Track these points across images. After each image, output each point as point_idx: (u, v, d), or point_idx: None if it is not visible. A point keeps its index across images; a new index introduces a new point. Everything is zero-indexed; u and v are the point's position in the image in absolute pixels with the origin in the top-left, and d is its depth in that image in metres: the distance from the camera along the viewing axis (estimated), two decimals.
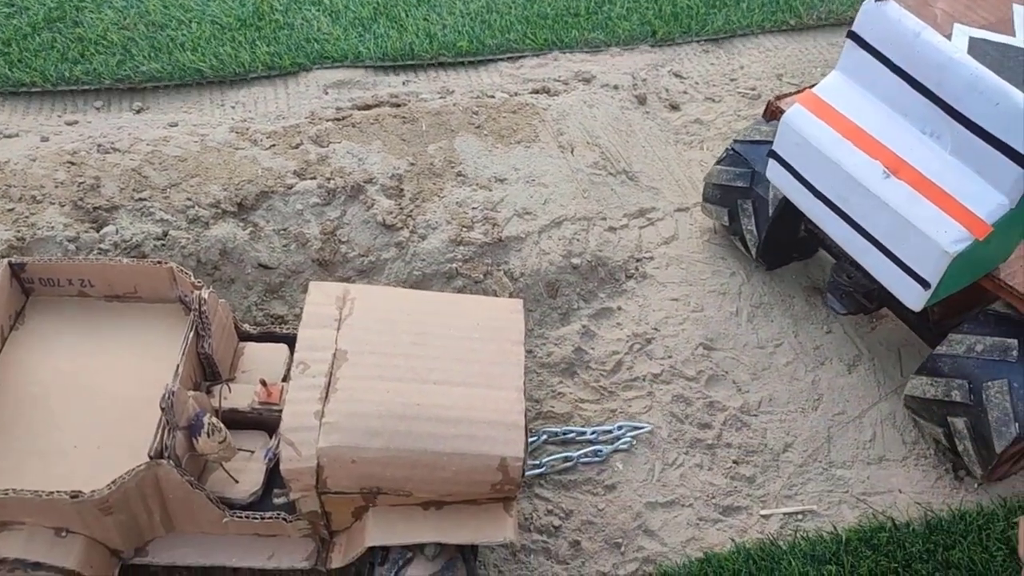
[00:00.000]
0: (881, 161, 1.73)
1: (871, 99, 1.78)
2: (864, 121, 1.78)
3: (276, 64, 2.64)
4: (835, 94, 1.83)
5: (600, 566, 1.81)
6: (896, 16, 1.65)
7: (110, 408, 1.63)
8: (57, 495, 1.44)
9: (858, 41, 1.75)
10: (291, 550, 1.62)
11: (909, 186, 1.70)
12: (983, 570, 1.84)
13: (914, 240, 1.70)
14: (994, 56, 1.58)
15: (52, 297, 1.77)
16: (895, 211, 1.70)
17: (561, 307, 2.19)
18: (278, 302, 2.08)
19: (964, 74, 1.57)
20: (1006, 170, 1.58)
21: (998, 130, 1.56)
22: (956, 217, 1.65)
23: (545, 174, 2.34)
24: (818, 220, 1.91)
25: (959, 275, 1.73)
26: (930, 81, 1.64)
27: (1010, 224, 1.65)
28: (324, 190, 2.16)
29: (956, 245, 1.64)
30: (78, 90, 2.50)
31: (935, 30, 1.61)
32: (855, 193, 1.77)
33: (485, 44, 2.81)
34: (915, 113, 1.70)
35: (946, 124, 1.64)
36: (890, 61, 1.70)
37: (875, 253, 1.80)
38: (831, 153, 1.79)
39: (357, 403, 1.52)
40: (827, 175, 1.83)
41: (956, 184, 1.66)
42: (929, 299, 1.75)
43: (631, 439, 1.99)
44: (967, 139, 1.61)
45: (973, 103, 1.58)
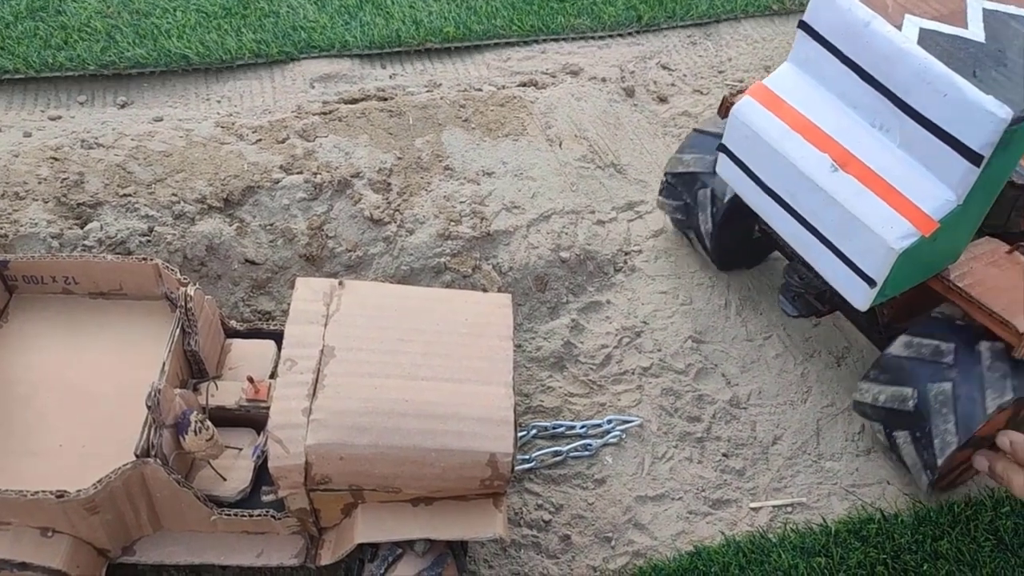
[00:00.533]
0: (830, 155, 1.67)
1: (822, 91, 1.72)
2: (814, 114, 1.72)
3: (263, 52, 2.62)
4: (786, 86, 1.76)
5: (590, 560, 1.81)
6: (846, 5, 1.60)
7: (95, 406, 1.62)
8: (42, 495, 1.42)
9: (809, 31, 1.69)
10: (280, 547, 1.61)
11: (857, 180, 1.64)
12: (971, 560, 1.85)
13: (860, 236, 1.64)
14: (944, 47, 1.52)
15: (36, 295, 1.76)
16: (842, 206, 1.64)
17: (550, 301, 2.18)
18: (265, 298, 2.07)
19: (913, 65, 1.51)
20: (953, 164, 1.52)
21: (945, 122, 1.51)
22: (903, 213, 1.59)
23: (533, 167, 2.34)
24: (767, 217, 1.85)
25: (907, 274, 1.68)
26: (879, 72, 1.59)
27: (958, 221, 1.60)
28: (311, 185, 2.15)
29: (902, 241, 1.58)
30: (61, 81, 2.47)
31: (885, 20, 1.56)
32: (803, 188, 1.71)
33: (472, 30, 2.80)
34: (865, 105, 1.64)
35: (895, 117, 1.59)
36: (840, 52, 1.64)
37: (822, 250, 1.74)
38: (779, 146, 1.73)
39: (345, 400, 1.51)
40: (776, 169, 1.76)
41: (904, 179, 1.60)
42: (876, 298, 1.68)
43: (621, 433, 1.99)
44: (915, 132, 1.56)
45: (921, 95, 1.53)
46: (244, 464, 1.61)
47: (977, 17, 1.60)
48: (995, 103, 1.42)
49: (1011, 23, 1.59)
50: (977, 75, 1.48)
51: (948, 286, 1.78)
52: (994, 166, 1.51)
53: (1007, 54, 1.53)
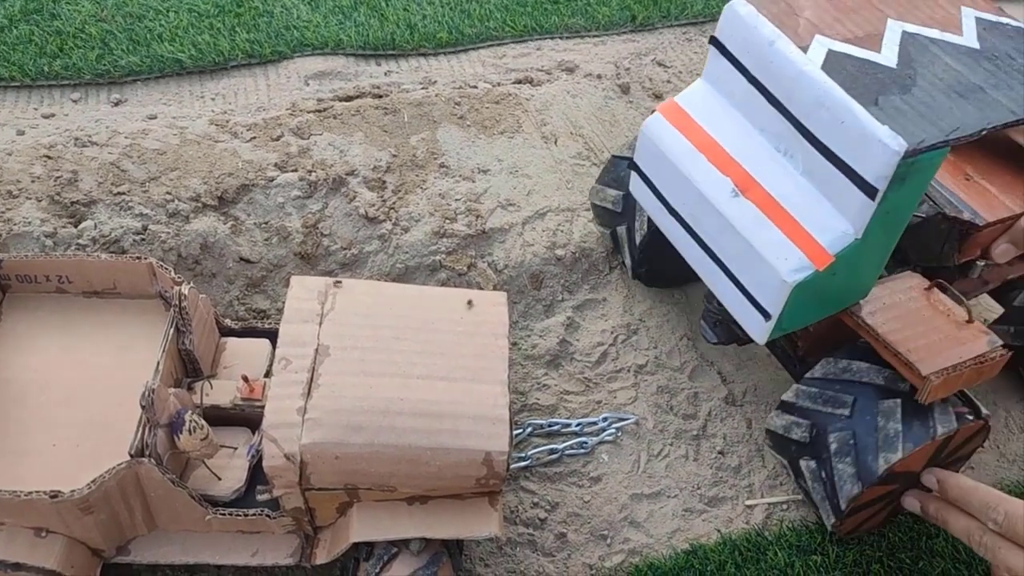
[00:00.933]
0: (732, 178, 1.57)
1: (731, 111, 1.62)
2: (721, 134, 1.62)
3: (256, 52, 2.62)
4: (696, 104, 1.67)
5: (586, 558, 1.81)
6: (752, 23, 1.50)
7: (89, 406, 1.61)
8: (36, 495, 1.42)
9: (719, 48, 1.59)
10: (275, 547, 1.61)
11: (756, 207, 1.54)
12: (966, 558, 1.85)
13: (756, 266, 1.54)
14: (850, 72, 1.42)
15: (29, 294, 1.75)
16: (739, 233, 1.54)
17: (545, 299, 2.18)
18: (260, 296, 2.07)
19: (812, 89, 1.40)
20: (851, 196, 1.41)
21: (842, 151, 1.40)
22: (799, 244, 1.49)
23: (528, 165, 2.33)
24: (673, 239, 1.76)
25: (807, 308, 1.58)
26: (782, 95, 1.48)
27: (859, 256, 1.49)
28: (306, 183, 2.14)
29: (795, 275, 1.47)
30: (56, 83, 2.48)
31: (792, 40, 1.46)
32: (704, 212, 1.61)
33: (464, 34, 2.80)
34: (770, 128, 1.54)
35: (798, 142, 1.48)
36: (747, 71, 1.55)
37: (722, 278, 1.64)
38: (684, 167, 1.63)
39: (340, 399, 1.51)
40: (680, 190, 1.67)
41: (803, 208, 1.50)
42: (772, 331, 1.59)
43: (616, 431, 1.99)
44: (816, 160, 1.45)
45: (820, 121, 1.42)
46: (239, 463, 1.60)
47: (894, 40, 1.51)
48: (889, 134, 1.32)
49: (930, 48, 1.51)
50: (879, 103, 1.38)
51: (858, 322, 1.70)
52: (891, 200, 1.40)
53: (917, 81, 1.44)
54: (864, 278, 1.64)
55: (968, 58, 1.49)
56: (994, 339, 1.67)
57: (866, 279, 1.65)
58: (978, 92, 1.43)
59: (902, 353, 1.62)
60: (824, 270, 1.47)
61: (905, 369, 1.63)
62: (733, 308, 1.67)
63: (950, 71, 1.46)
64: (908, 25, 1.54)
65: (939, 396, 1.63)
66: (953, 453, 1.75)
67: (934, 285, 1.75)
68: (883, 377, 1.69)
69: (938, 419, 1.65)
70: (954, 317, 1.70)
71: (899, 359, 1.63)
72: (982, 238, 1.81)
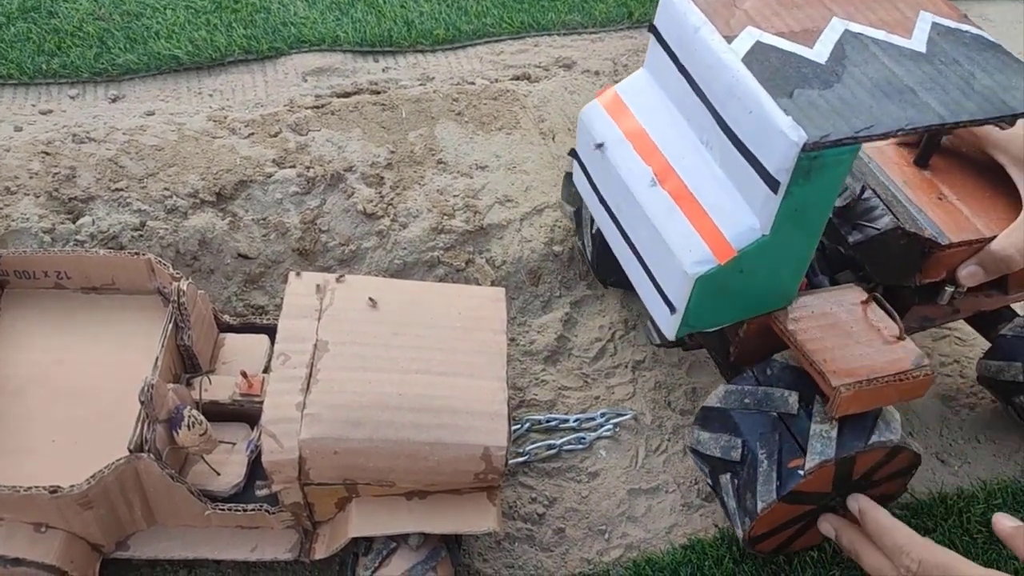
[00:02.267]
0: (653, 168, 1.55)
1: (664, 100, 1.59)
2: (651, 123, 1.59)
3: (253, 48, 2.62)
4: (633, 92, 1.64)
5: (584, 553, 1.81)
6: (683, 9, 1.47)
7: (88, 401, 1.62)
8: (36, 490, 1.42)
9: (656, 35, 1.56)
10: (274, 542, 1.61)
11: (670, 197, 1.51)
12: (964, 551, 1.85)
13: (664, 257, 1.51)
14: (772, 64, 1.38)
15: (28, 290, 1.75)
16: (652, 224, 1.52)
17: (543, 295, 2.18)
18: (258, 292, 2.07)
19: (726, 77, 1.38)
20: (756, 189, 1.37)
21: (750, 141, 1.36)
22: (705, 237, 1.46)
23: (526, 161, 2.33)
24: (604, 232, 1.73)
25: (717, 305, 1.53)
26: (704, 83, 1.46)
27: (773, 255, 1.44)
28: (304, 179, 2.14)
29: (697, 267, 1.44)
30: (53, 81, 2.48)
31: (719, 29, 1.43)
32: (625, 201, 1.59)
33: (461, 31, 2.80)
34: (695, 119, 1.51)
35: (715, 133, 1.45)
36: (677, 59, 1.52)
37: (640, 270, 1.61)
38: (611, 155, 1.61)
39: (339, 394, 1.51)
40: (608, 180, 1.64)
41: (715, 201, 1.46)
42: (680, 328, 1.55)
43: (614, 426, 1.99)
44: (730, 151, 1.42)
45: (732, 110, 1.39)
46: (238, 459, 1.61)
47: (832, 38, 1.47)
48: (791, 125, 1.28)
49: (870, 47, 1.47)
50: (793, 96, 1.34)
51: (780, 328, 1.65)
52: (797, 196, 1.36)
53: (842, 78, 1.39)
54: (782, 281, 1.58)
55: (909, 60, 1.45)
56: (922, 358, 1.60)
57: (785, 282, 1.59)
58: (907, 93, 1.38)
59: (817, 362, 1.57)
60: (728, 265, 1.43)
61: (819, 378, 1.58)
62: (647, 301, 1.64)
63: (884, 71, 1.42)
64: (853, 24, 1.51)
65: (850, 410, 1.57)
66: (871, 480, 1.69)
67: (871, 299, 1.70)
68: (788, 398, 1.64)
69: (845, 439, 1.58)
70: (885, 332, 1.64)
71: (814, 367, 1.58)
72: (946, 259, 1.75)
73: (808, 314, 1.66)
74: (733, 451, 1.64)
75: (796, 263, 1.55)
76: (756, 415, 1.64)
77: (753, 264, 1.46)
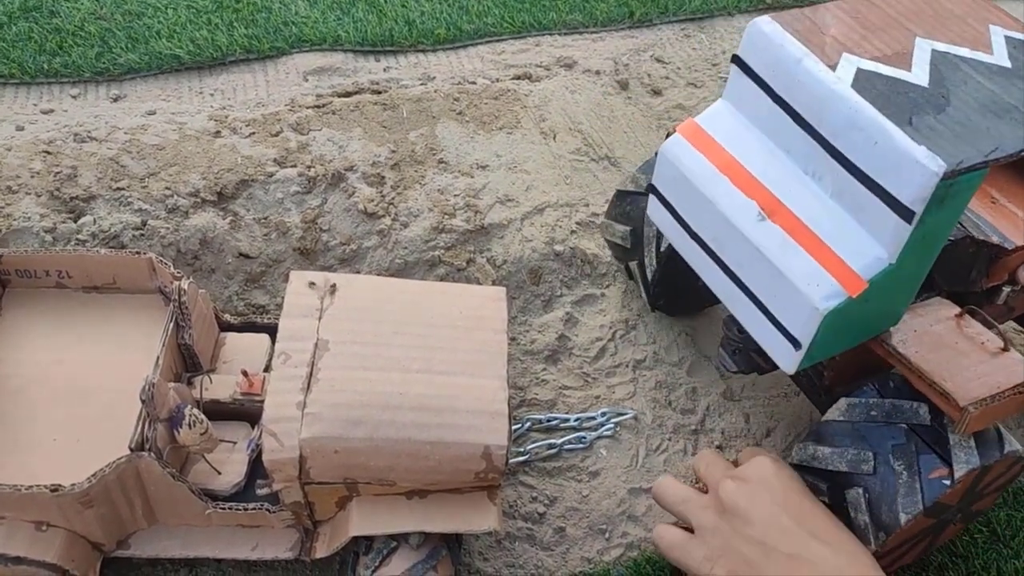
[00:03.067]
0: (757, 201, 1.50)
1: (755, 132, 1.55)
2: (744, 156, 1.55)
3: (254, 47, 2.62)
4: (717, 124, 1.60)
5: (585, 552, 1.82)
6: (779, 41, 1.44)
7: (89, 400, 1.62)
8: (37, 489, 1.42)
9: (742, 67, 1.53)
10: (275, 541, 1.61)
11: (784, 231, 1.47)
12: (964, 551, 1.86)
13: (785, 293, 1.47)
14: (881, 91, 1.36)
15: (29, 289, 1.75)
16: (767, 258, 1.47)
17: (544, 294, 2.18)
18: (259, 291, 2.07)
19: (843, 108, 1.35)
20: (884, 219, 1.35)
21: (876, 173, 1.34)
22: (830, 270, 1.42)
23: (527, 160, 2.34)
24: (695, 266, 1.69)
25: (838, 336, 1.51)
26: (810, 115, 1.42)
27: (893, 282, 1.43)
28: (305, 178, 2.15)
29: (827, 302, 1.41)
30: (55, 80, 2.49)
31: (819, 59, 1.40)
32: (729, 236, 1.55)
33: (463, 30, 2.80)
34: (797, 150, 1.47)
35: (827, 164, 1.42)
36: (772, 90, 1.48)
37: (748, 305, 1.57)
38: (706, 190, 1.56)
39: (339, 393, 1.51)
40: (702, 215, 1.60)
41: (833, 232, 1.43)
42: (803, 361, 1.52)
43: (615, 425, 1.99)
44: (847, 182, 1.39)
45: (852, 141, 1.36)
46: (238, 458, 1.61)
47: (924, 59, 1.45)
48: (927, 155, 1.26)
49: (961, 67, 1.44)
50: (913, 123, 1.31)
51: (888, 351, 1.62)
52: (928, 224, 1.34)
53: (950, 100, 1.37)
54: (896, 304, 1.57)
55: (1001, 77, 1.43)
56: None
57: (898, 305, 1.58)
58: (1013, 112, 1.37)
59: (937, 383, 1.54)
60: (857, 297, 1.40)
61: (940, 400, 1.55)
62: (760, 337, 1.59)
63: (983, 90, 1.40)
64: (937, 43, 1.48)
65: (977, 428, 1.55)
66: (985, 491, 1.69)
67: (965, 312, 1.68)
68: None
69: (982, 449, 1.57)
70: (988, 345, 1.63)
71: (934, 389, 1.55)
72: (1011, 262, 1.77)
73: (912, 334, 1.63)
74: (864, 464, 1.60)
75: (912, 286, 1.53)
76: (884, 427, 1.61)
77: (878, 292, 1.43)
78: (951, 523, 1.72)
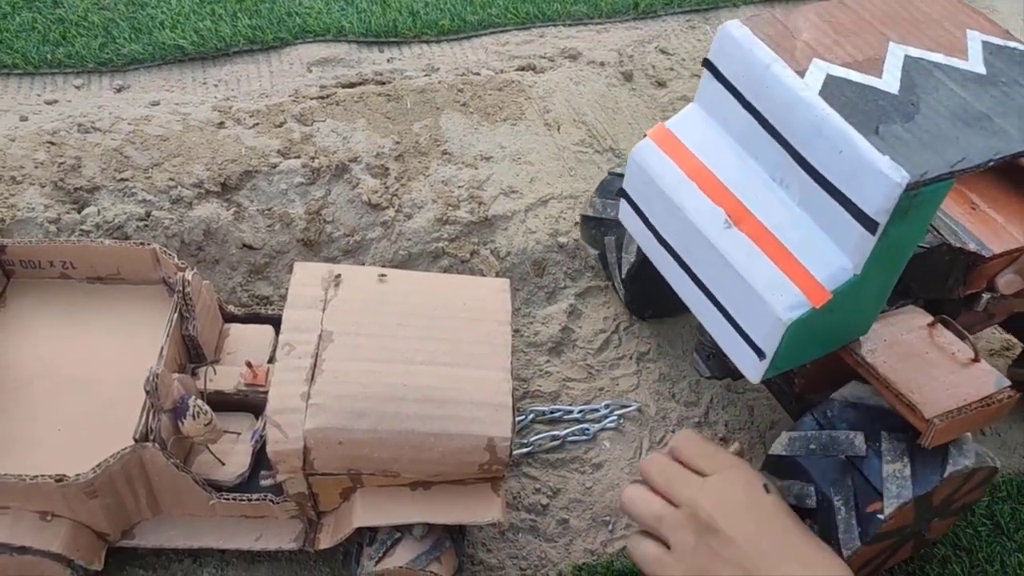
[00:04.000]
0: (724, 208, 1.47)
1: (725, 137, 1.52)
2: (713, 161, 1.52)
3: (258, 38, 2.61)
4: (688, 129, 1.57)
5: (588, 544, 1.82)
6: (748, 46, 1.40)
7: (94, 391, 1.62)
8: (42, 479, 1.43)
9: (713, 71, 1.49)
10: (279, 531, 1.62)
11: (750, 239, 1.44)
12: (968, 545, 1.85)
13: (749, 302, 1.45)
14: (849, 98, 1.33)
15: (33, 279, 1.76)
16: (732, 267, 1.45)
17: (548, 286, 2.18)
18: (263, 283, 2.07)
19: (809, 116, 1.32)
20: (849, 229, 1.32)
21: (840, 182, 1.30)
22: (794, 280, 1.39)
23: (531, 152, 2.33)
24: (664, 271, 1.67)
25: (804, 346, 1.48)
26: (778, 121, 1.39)
27: (859, 292, 1.40)
28: (308, 169, 2.14)
29: (791, 312, 1.38)
30: (58, 71, 2.48)
31: (788, 64, 1.37)
32: (696, 243, 1.52)
33: (467, 21, 2.80)
34: (766, 157, 1.44)
35: (794, 171, 1.39)
36: (742, 96, 1.45)
37: (715, 313, 1.54)
38: (674, 195, 1.54)
39: (343, 384, 1.51)
40: (670, 220, 1.58)
41: (799, 241, 1.40)
42: (768, 371, 1.49)
43: (618, 417, 1.99)
44: (813, 190, 1.36)
45: (817, 149, 1.33)
46: (242, 449, 1.61)
47: (896, 65, 1.41)
48: (891, 165, 1.22)
49: (934, 73, 1.41)
50: (880, 132, 1.28)
51: (857, 360, 1.59)
52: (892, 235, 1.31)
53: (920, 108, 1.33)
54: (864, 314, 1.55)
55: (974, 84, 1.40)
56: (1001, 379, 1.56)
57: (866, 315, 1.56)
58: (984, 120, 1.33)
59: (904, 394, 1.52)
60: (821, 308, 1.38)
61: (907, 412, 1.53)
62: (726, 346, 1.57)
63: (955, 98, 1.37)
64: (911, 49, 1.44)
65: (942, 440, 1.52)
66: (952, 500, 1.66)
67: (937, 321, 1.65)
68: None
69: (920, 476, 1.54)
70: (959, 356, 1.60)
71: (901, 401, 1.53)
72: (988, 269, 1.72)
73: (881, 343, 1.60)
74: (808, 499, 1.58)
75: (880, 296, 1.51)
76: (824, 460, 1.58)
77: (842, 303, 1.40)
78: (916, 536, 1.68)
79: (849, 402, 1.64)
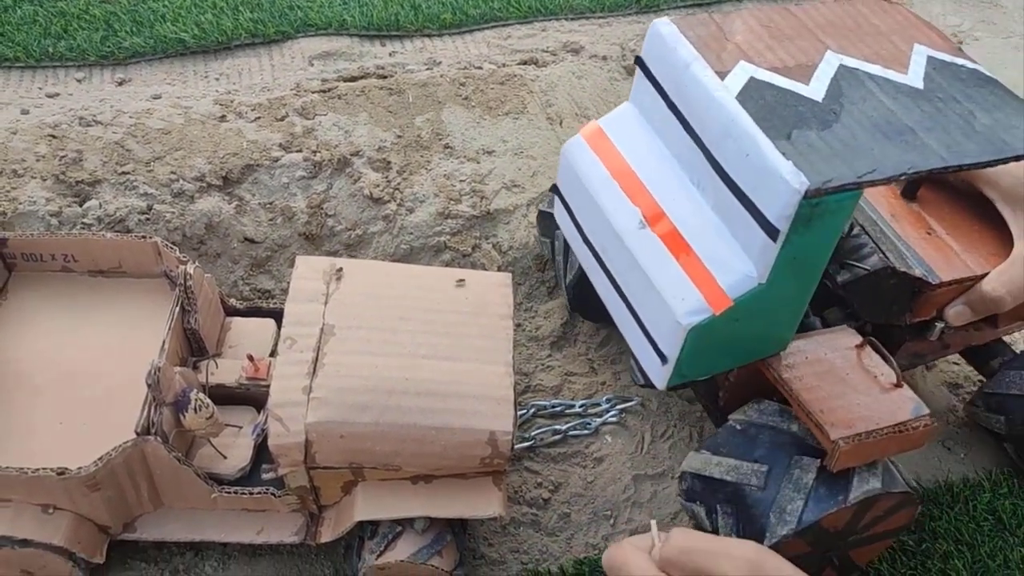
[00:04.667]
0: (642, 209, 1.45)
1: (652, 137, 1.49)
2: (638, 161, 1.49)
3: (259, 31, 2.61)
4: (619, 127, 1.55)
5: (589, 538, 1.82)
6: (672, 44, 1.37)
7: (95, 384, 1.62)
8: (43, 472, 1.43)
9: (643, 69, 1.46)
10: (280, 525, 1.62)
11: (661, 241, 1.41)
12: (970, 540, 1.85)
13: (654, 305, 1.42)
14: (768, 102, 1.29)
15: (35, 273, 1.76)
16: (641, 268, 1.42)
17: (549, 280, 2.18)
18: (265, 276, 2.07)
19: (721, 117, 1.28)
20: (753, 235, 1.28)
21: (747, 186, 1.27)
22: (698, 284, 1.36)
23: (533, 146, 2.33)
24: (587, 270, 1.64)
25: (711, 355, 1.44)
26: (695, 121, 1.36)
27: (770, 304, 1.35)
28: (310, 163, 2.14)
29: (691, 317, 1.34)
30: (60, 64, 2.48)
31: (712, 65, 1.34)
32: (612, 243, 1.49)
33: (469, 15, 2.79)
34: (685, 157, 1.41)
35: (708, 173, 1.35)
36: (666, 94, 1.42)
37: (627, 314, 1.52)
38: (596, 194, 1.51)
39: (345, 378, 1.51)
40: (592, 219, 1.55)
41: (708, 246, 1.37)
42: (672, 378, 1.46)
43: (620, 411, 1.99)
44: (723, 193, 1.32)
45: (727, 151, 1.29)
46: (244, 442, 1.61)
47: (827, 73, 1.38)
48: (792, 171, 1.19)
49: (866, 83, 1.38)
50: (792, 137, 1.25)
51: (773, 375, 1.56)
52: (796, 243, 1.28)
53: (840, 117, 1.30)
54: (778, 328, 1.50)
55: (907, 98, 1.36)
56: (921, 407, 1.51)
57: (781, 329, 1.51)
58: (907, 134, 1.30)
59: (813, 413, 1.48)
60: (723, 315, 1.35)
61: (816, 431, 1.49)
62: (635, 348, 1.54)
63: (882, 110, 1.33)
64: (848, 59, 1.42)
65: (849, 464, 1.49)
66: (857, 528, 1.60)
67: (866, 342, 1.60)
68: None
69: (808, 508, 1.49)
70: (882, 379, 1.56)
71: (810, 419, 1.49)
72: (937, 298, 1.67)
73: (802, 360, 1.57)
74: (704, 524, 1.59)
75: (793, 310, 1.47)
76: (723, 485, 1.57)
77: (749, 312, 1.37)
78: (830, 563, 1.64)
79: (768, 425, 1.59)
